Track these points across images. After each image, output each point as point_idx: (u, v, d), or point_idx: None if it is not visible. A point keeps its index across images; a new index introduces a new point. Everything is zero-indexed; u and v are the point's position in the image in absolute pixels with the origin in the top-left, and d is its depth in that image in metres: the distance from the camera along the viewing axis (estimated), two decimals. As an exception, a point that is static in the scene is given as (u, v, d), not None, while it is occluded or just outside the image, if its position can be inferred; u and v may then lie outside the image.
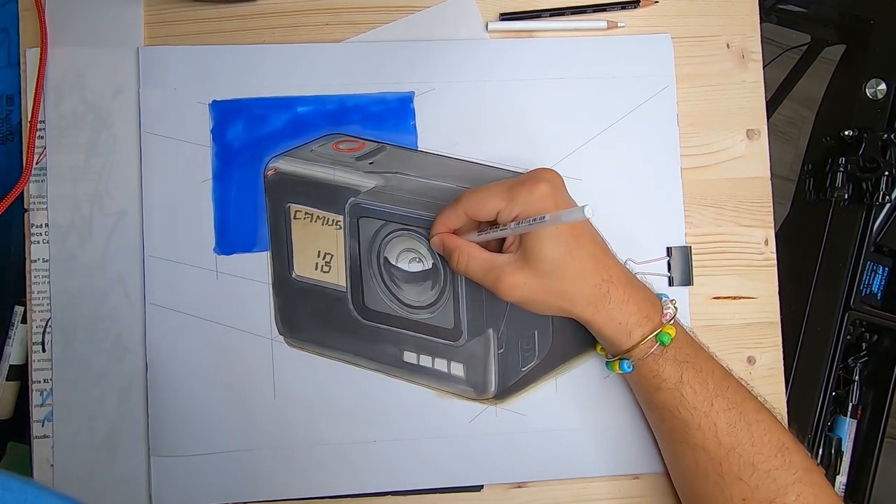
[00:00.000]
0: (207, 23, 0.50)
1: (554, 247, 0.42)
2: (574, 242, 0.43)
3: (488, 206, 0.43)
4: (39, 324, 0.48)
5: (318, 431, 0.49)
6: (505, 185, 0.43)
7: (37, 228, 0.48)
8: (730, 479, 0.43)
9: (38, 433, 0.48)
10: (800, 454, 0.43)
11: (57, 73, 0.49)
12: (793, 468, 0.42)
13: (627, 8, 0.52)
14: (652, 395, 0.45)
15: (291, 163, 0.48)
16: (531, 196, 0.42)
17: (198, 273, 0.49)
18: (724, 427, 0.43)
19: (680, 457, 0.46)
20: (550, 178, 0.44)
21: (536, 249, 0.42)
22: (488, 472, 0.49)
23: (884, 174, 0.56)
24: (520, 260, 0.43)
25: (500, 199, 0.43)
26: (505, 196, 0.42)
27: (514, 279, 0.43)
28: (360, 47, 0.50)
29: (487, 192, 0.43)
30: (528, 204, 0.42)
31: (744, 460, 0.42)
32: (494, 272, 0.43)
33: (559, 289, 0.43)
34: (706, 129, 0.52)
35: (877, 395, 0.60)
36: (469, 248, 0.44)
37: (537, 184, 0.42)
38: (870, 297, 0.60)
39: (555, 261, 0.42)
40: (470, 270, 0.44)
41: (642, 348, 0.43)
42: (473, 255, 0.44)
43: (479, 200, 0.43)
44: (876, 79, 0.58)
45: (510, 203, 0.42)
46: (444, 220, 0.45)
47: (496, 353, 0.48)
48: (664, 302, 0.45)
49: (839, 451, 0.59)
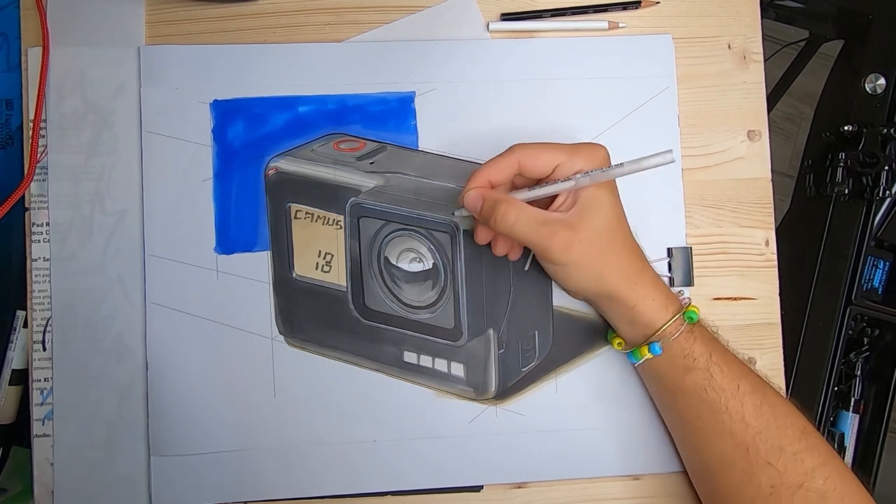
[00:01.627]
0: (208, 22, 0.50)
1: (610, 213, 0.42)
2: (622, 217, 0.43)
3: (547, 157, 0.42)
4: (40, 323, 0.48)
5: (318, 431, 0.49)
6: (561, 144, 0.43)
7: (37, 227, 0.48)
8: (758, 465, 0.42)
9: (38, 432, 0.48)
10: (821, 439, 0.43)
11: (58, 72, 0.49)
12: (816, 452, 0.42)
13: (629, 8, 0.52)
14: (681, 377, 0.44)
15: (292, 162, 0.48)
16: (594, 154, 0.42)
17: (198, 273, 0.49)
18: (751, 409, 0.42)
19: (704, 448, 0.44)
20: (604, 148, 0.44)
21: (594, 211, 0.41)
22: (488, 472, 0.49)
23: (884, 169, 0.56)
24: (576, 219, 0.41)
25: (559, 152, 0.42)
26: (566, 151, 0.42)
27: (569, 238, 0.41)
28: (360, 47, 0.50)
29: (544, 145, 0.42)
30: (590, 160, 0.42)
31: (771, 444, 0.42)
32: (548, 228, 0.41)
33: (607, 259, 0.42)
34: (707, 130, 0.52)
35: (879, 390, 0.60)
36: (517, 201, 0.42)
37: (598, 147, 0.43)
38: (871, 291, 0.60)
39: (610, 227, 0.42)
40: (518, 226, 0.41)
41: (674, 326, 0.43)
42: (524, 208, 0.41)
43: (535, 152, 0.42)
44: (875, 73, 0.58)
45: (572, 157, 0.42)
46: (486, 173, 0.42)
47: (496, 354, 0.48)
48: (676, 291, 0.46)
49: (842, 447, 0.59)
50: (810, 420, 0.44)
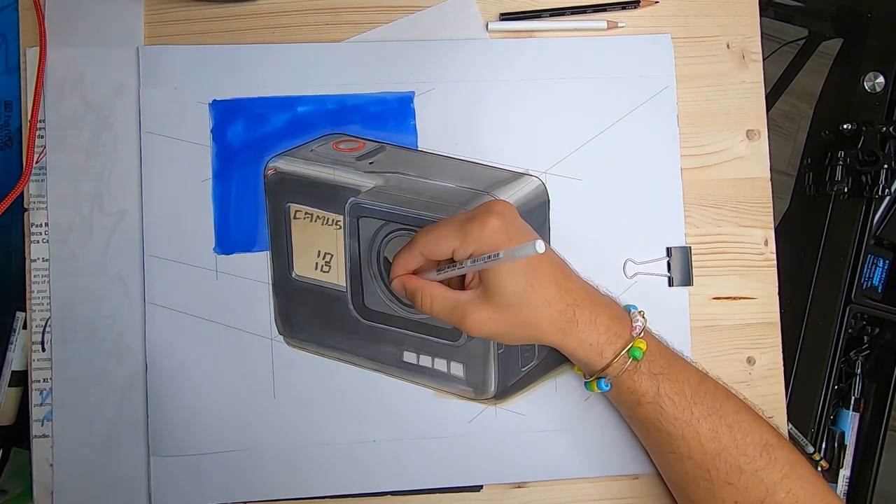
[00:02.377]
0: (208, 22, 0.50)
1: (513, 280, 0.42)
2: (532, 272, 0.42)
3: (443, 245, 0.42)
4: (39, 323, 0.48)
5: (318, 431, 0.49)
6: (457, 222, 0.42)
7: (37, 228, 0.48)
8: (719, 485, 0.43)
9: (37, 433, 0.48)
10: (784, 450, 0.43)
11: (57, 72, 0.49)
12: (778, 465, 0.43)
13: (627, 8, 0.52)
14: (633, 410, 0.45)
15: (291, 162, 0.48)
16: (483, 232, 0.41)
17: (198, 273, 0.49)
18: (707, 434, 0.43)
19: (669, 466, 0.46)
20: (502, 210, 0.42)
21: (496, 284, 0.42)
22: (488, 472, 0.49)
23: (883, 167, 0.56)
24: (482, 296, 0.42)
25: (453, 237, 0.42)
26: (458, 234, 0.42)
27: (480, 316, 0.42)
28: (360, 47, 0.50)
29: (441, 231, 0.42)
30: (480, 241, 0.41)
31: (730, 464, 0.43)
32: (459, 310, 0.42)
33: (525, 319, 0.42)
34: (706, 130, 0.52)
35: (879, 388, 0.60)
36: (431, 287, 0.43)
37: (488, 218, 0.41)
38: (870, 290, 0.60)
39: (516, 293, 0.42)
40: (434, 310, 0.43)
41: (616, 366, 0.43)
42: (436, 294, 0.43)
43: (433, 240, 0.42)
44: (874, 72, 0.58)
45: (464, 241, 0.41)
46: (402, 263, 0.44)
47: (496, 354, 0.48)
48: (633, 314, 0.45)
49: (842, 445, 0.59)
50: (774, 430, 0.44)
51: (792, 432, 0.55)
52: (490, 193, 0.46)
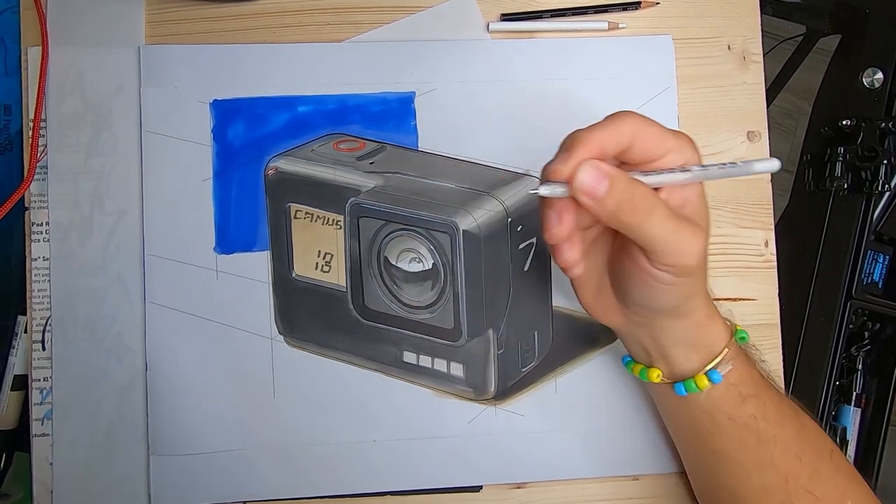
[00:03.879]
0: (208, 22, 0.50)
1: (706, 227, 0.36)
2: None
3: (665, 139, 0.34)
4: (39, 322, 0.48)
5: (318, 431, 0.49)
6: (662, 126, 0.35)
7: (37, 227, 0.48)
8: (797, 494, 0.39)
9: (37, 431, 0.48)
10: (843, 457, 0.41)
11: (58, 72, 0.49)
12: (843, 472, 0.40)
13: (628, 9, 0.52)
14: (736, 407, 0.39)
15: (292, 162, 0.48)
16: (694, 146, 0.35)
17: (198, 272, 0.49)
18: (792, 435, 0.39)
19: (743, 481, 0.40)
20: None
21: (705, 213, 0.36)
22: (488, 472, 0.49)
23: (882, 163, 0.56)
24: (700, 221, 0.35)
25: (669, 136, 0.35)
26: (673, 135, 0.35)
27: (704, 243, 0.34)
28: (360, 47, 0.50)
29: (656, 123, 0.35)
30: (694, 152, 0.35)
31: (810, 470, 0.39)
32: (690, 229, 0.34)
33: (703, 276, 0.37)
34: (707, 131, 0.52)
35: (880, 384, 0.60)
36: (653, 193, 0.33)
37: (690, 139, 0.36)
38: (871, 285, 0.60)
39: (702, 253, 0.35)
40: (653, 221, 0.33)
41: (734, 348, 0.39)
42: (659, 200, 0.33)
43: (654, 128, 0.34)
44: (872, 68, 0.58)
45: (681, 144, 0.34)
46: (602, 138, 0.33)
47: (496, 354, 0.48)
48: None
49: (844, 441, 0.60)
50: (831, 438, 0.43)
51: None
52: (490, 194, 0.46)
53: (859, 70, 0.58)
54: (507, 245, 0.47)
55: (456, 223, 0.45)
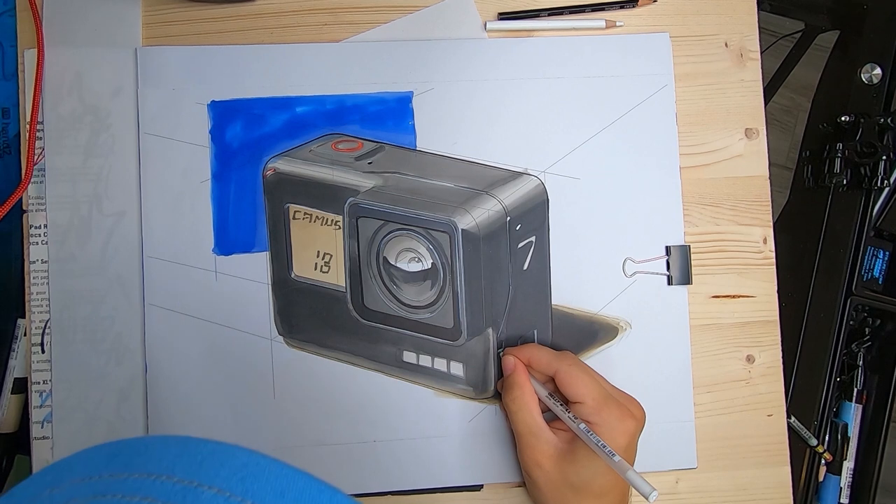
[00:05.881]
0: (206, 23, 0.50)
1: (596, 474, 0.42)
2: (612, 488, 0.42)
3: (581, 390, 0.43)
4: (38, 325, 0.48)
5: (318, 431, 0.49)
6: (602, 387, 0.44)
7: (35, 229, 0.48)
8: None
9: (37, 434, 0.47)
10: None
11: (55, 73, 0.49)
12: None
13: (626, 7, 0.52)
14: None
15: (290, 163, 0.48)
16: (618, 422, 0.42)
17: (197, 273, 0.48)
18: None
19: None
20: (640, 420, 0.44)
21: (583, 461, 0.42)
22: (488, 472, 0.49)
23: (881, 158, 0.56)
24: (563, 452, 0.43)
25: (591, 393, 0.43)
26: (597, 397, 0.43)
27: (543, 461, 0.43)
28: (358, 47, 0.50)
29: (588, 377, 0.43)
30: (608, 422, 0.42)
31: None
32: (533, 438, 0.43)
33: (566, 500, 0.43)
34: (705, 128, 0.52)
35: (881, 380, 0.60)
36: (531, 396, 0.44)
37: (629, 418, 0.43)
38: (871, 281, 0.60)
39: (585, 482, 0.42)
40: (515, 414, 0.44)
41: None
42: (530, 406, 0.44)
43: (575, 377, 0.43)
44: (871, 64, 0.58)
45: (596, 407, 0.42)
46: (532, 354, 0.45)
47: (495, 353, 0.48)
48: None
49: (846, 437, 0.60)
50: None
51: (795, 425, 0.55)
52: (489, 193, 0.46)
53: (858, 66, 0.59)
54: (506, 244, 0.47)
55: (455, 222, 0.45)
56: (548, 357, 0.45)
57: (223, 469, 0.22)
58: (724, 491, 0.51)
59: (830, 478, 0.60)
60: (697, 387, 0.51)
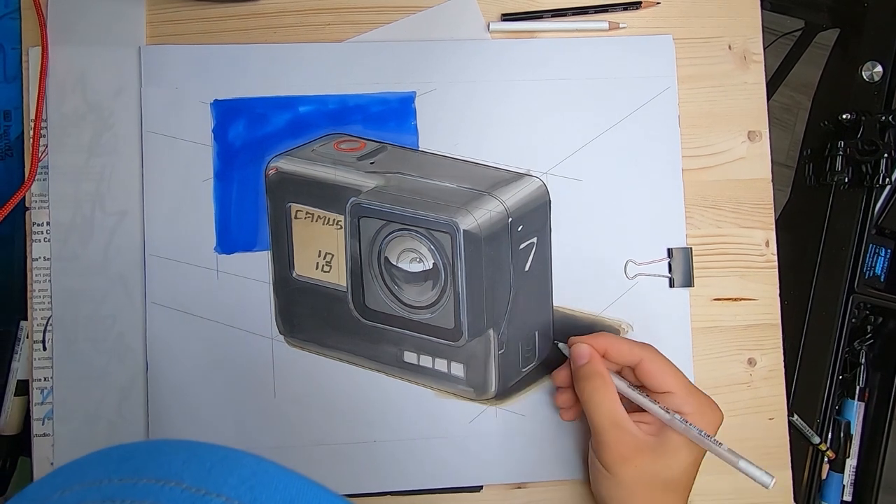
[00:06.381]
0: (209, 22, 0.50)
1: (689, 466, 0.41)
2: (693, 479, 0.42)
3: (668, 383, 0.42)
4: (40, 322, 0.48)
5: (318, 431, 0.49)
6: (686, 378, 0.43)
7: (38, 227, 0.48)
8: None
9: (38, 431, 0.48)
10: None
11: (58, 72, 0.49)
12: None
13: (629, 9, 0.52)
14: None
15: (292, 162, 0.48)
16: (710, 412, 0.42)
17: (199, 272, 0.49)
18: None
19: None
20: (722, 414, 0.43)
21: (670, 457, 0.41)
22: (488, 472, 0.49)
23: (883, 156, 0.56)
24: (652, 446, 0.42)
25: (679, 384, 0.42)
26: (685, 387, 0.42)
27: (632, 455, 0.41)
28: (361, 47, 0.50)
29: (672, 369, 0.43)
30: (701, 412, 0.41)
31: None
32: (619, 431, 0.41)
33: (652, 496, 0.41)
34: (707, 131, 0.52)
35: (884, 378, 0.60)
36: (613, 387, 0.43)
37: (716, 409, 0.42)
38: (873, 279, 0.60)
39: (677, 476, 0.41)
40: (599, 406, 0.42)
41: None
42: (613, 398, 0.42)
43: (663, 371, 0.42)
44: (872, 61, 0.58)
45: (688, 397, 0.42)
46: (610, 343, 0.44)
47: (496, 354, 0.48)
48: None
49: (848, 435, 0.59)
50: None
51: (798, 424, 0.55)
52: (491, 194, 0.46)
53: (859, 64, 0.58)
54: (507, 245, 0.47)
55: (456, 223, 0.45)
56: (629, 346, 0.43)
57: (231, 477, 0.22)
58: (724, 494, 0.50)
59: (833, 476, 0.60)
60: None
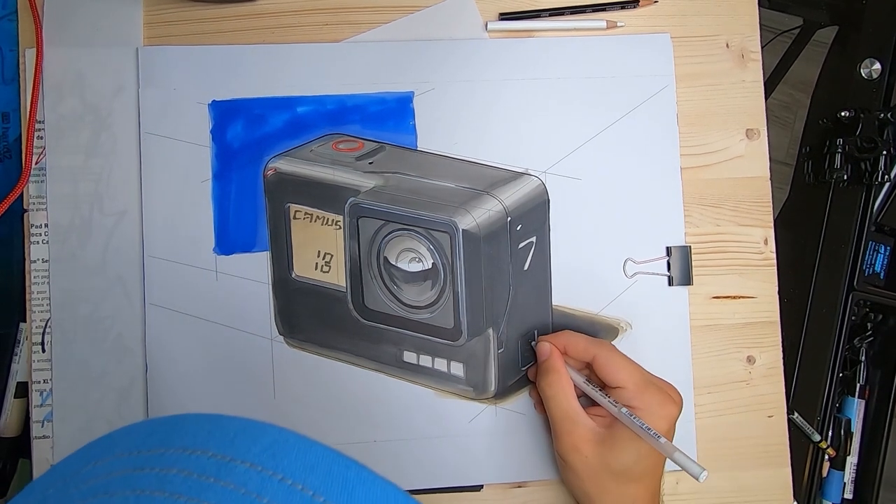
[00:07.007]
0: (207, 23, 0.50)
1: (637, 458, 0.42)
2: (651, 471, 0.43)
3: (621, 375, 0.43)
4: (39, 324, 0.48)
5: (318, 431, 0.49)
6: (642, 372, 0.44)
7: (36, 229, 0.48)
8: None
9: (37, 433, 0.47)
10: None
11: (56, 73, 0.49)
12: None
13: (627, 8, 0.52)
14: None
15: (291, 163, 0.48)
16: (659, 407, 0.42)
17: (197, 273, 0.49)
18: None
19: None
20: (679, 404, 0.44)
21: (623, 445, 0.42)
22: (488, 472, 0.49)
23: (882, 153, 0.56)
24: (602, 437, 0.43)
25: (633, 378, 0.43)
26: (638, 382, 0.43)
27: (582, 445, 0.43)
28: (359, 47, 0.50)
29: (628, 362, 0.44)
30: (650, 407, 0.42)
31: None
32: (570, 423, 0.43)
33: (604, 486, 0.42)
34: (706, 129, 0.52)
35: (884, 375, 0.60)
36: (567, 381, 0.44)
37: (670, 402, 0.43)
38: (873, 276, 0.60)
39: (625, 467, 0.42)
40: (552, 399, 0.44)
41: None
42: (567, 391, 0.44)
43: (617, 365, 0.43)
44: (870, 59, 0.58)
45: (637, 392, 0.43)
46: (568, 340, 0.45)
47: (496, 353, 0.48)
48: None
49: (849, 432, 0.60)
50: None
51: (798, 421, 0.55)
52: (490, 193, 0.46)
53: (857, 61, 0.58)
54: (506, 244, 0.47)
55: (455, 223, 0.45)
56: (585, 343, 0.45)
57: (255, 445, 0.23)
58: (724, 492, 0.51)
59: (834, 473, 0.60)
60: (698, 388, 0.51)
